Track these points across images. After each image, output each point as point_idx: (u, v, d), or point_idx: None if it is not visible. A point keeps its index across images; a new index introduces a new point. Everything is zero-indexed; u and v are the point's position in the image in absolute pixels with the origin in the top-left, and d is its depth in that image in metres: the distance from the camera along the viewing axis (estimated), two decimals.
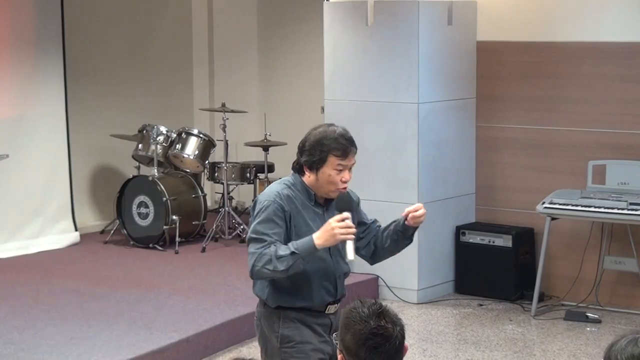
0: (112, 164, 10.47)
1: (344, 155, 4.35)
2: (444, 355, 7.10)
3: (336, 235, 4.26)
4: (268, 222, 4.32)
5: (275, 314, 4.45)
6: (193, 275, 8.41)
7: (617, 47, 8.04)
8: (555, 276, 8.29)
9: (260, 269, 4.27)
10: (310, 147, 4.37)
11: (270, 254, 4.24)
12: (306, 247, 4.25)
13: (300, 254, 4.25)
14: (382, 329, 3.10)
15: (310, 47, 10.24)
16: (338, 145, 4.35)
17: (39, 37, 9.36)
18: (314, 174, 4.38)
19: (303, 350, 4.42)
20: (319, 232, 4.27)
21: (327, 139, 4.35)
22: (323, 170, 4.35)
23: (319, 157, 4.34)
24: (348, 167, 4.39)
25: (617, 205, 7.63)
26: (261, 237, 4.30)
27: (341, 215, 4.30)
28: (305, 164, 4.39)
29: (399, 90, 8.20)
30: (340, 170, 4.36)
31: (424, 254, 8.29)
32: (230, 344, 7.16)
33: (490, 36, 8.55)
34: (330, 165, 4.35)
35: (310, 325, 4.44)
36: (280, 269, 4.24)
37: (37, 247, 9.30)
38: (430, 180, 8.30)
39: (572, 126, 8.26)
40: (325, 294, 4.44)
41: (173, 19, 11.06)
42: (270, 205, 4.34)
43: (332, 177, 4.35)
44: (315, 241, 4.25)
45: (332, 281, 4.46)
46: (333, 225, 4.25)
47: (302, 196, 4.41)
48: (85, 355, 6.47)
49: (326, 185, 4.37)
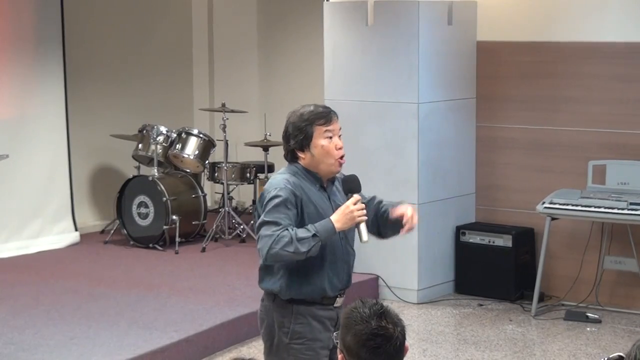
0: (112, 164, 10.47)
1: (327, 120, 4.40)
2: (444, 355, 7.10)
3: (355, 217, 4.32)
4: (281, 206, 4.31)
5: (287, 308, 4.43)
6: (193, 275, 8.41)
7: (617, 47, 8.04)
8: (555, 276, 8.29)
9: (279, 251, 4.25)
10: (294, 129, 4.42)
11: (290, 235, 4.24)
12: (326, 229, 4.29)
13: (320, 237, 4.27)
14: (383, 330, 3.09)
15: (310, 47, 10.24)
16: (318, 115, 4.41)
17: (39, 37, 9.36)
18: (308, 153, 4.40)
19: (312, 348, 4.43)
20: (337, 215, 4.31)
21: (304, 114, 4.42)
22: (314, 144, 4.39)
23: (305, 133, 4.38)
24: (336, 133, 4.43)
25: (617, 205, 7.63)
26: (276, 219, 4.29)
27: (355, 198, 4.36)
28: (296, 147, 4.42)
29: (399, 90, 8.20)
30: (330, 138, 4.39)
31: (424, 254, 8.29)
32: (230, 344, 7.16)
33: (490, 36, 8.55)
34: (318, 135, 4.38)
35: (320, 319, 4.45)
36: (302, 251, 4.24)
37: (37, 247, 9.30)
38: (430, 180, 8.30)
39: (572, 126, 8.26)
40: (336, 281, 4.46)
41: (173, 19, 11.06)
42: (281, 191, 4.34)
43: (325, 146, 4.38)
44: (335, 224, 4.30)
45: (341, 267, 4.47)
46: (352, 208, 4.32)
47: (307, 181, 4.42)
48: (85, 355, 6.47)
49: (324, 157, 4.39)
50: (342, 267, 4.48)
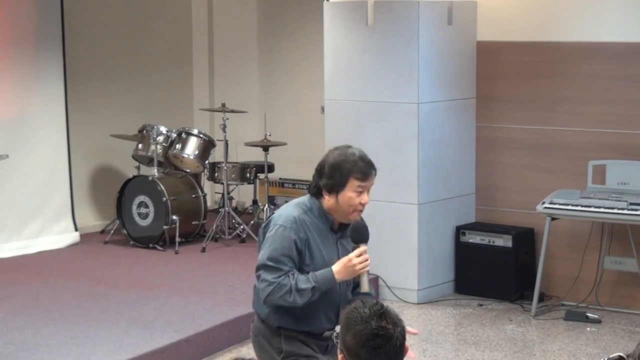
0: (112, 164, 10.47)
1: (364, 177, 4.35)
2: (444, 355, 7.10)
3: (356, 270, 4.32)
4: (283, 248, 4.30)
5: (276, 332, 4.46)
6: (193, 275, 8.41)
7: (617, 47, 8.03)
8: (555, 276, 8.29)
9: (277, 299, 4.29)
10: (330, 170, 4.35)
11: (290, 285, 4.26)
12: (326, 280, 4.30)
13: (319, 289, 4.29)
14: (383, 330, 3.09)
15: (310, 47, 10.24)
16: (359, 167, 4.34)
17: (39, 36, 9.36)
18: (334, 197, 4.35)
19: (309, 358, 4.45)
20: (338, 267, 4.31)
21: (347, 161, 4.34)
22: (344, 193, 4.34)
23: (340, 180, 4.33)
24: (367, 189, 4.39)
25: (617, 205, 7.63)
26: (278, 265, 4.29)
27: (360, 250, 4.34)
28: (325, 187, 4.36)
29: (399, 90, 8.19)
30: (360, 193, 4.35)
31: (424, 254, 8.29)
32: (230, 344, 7.16)
33: (490, 36, 8.55)
34: (350, 187, 4.33)
35: (310, 345, 4.45)
36: (299, 302, 4.28)
37: (37, 247, 9.30)
38: (430, 180, 8.30)
39: (572, 126, 8.26)
40: (326, 322, 4.46)
41: (173, 19, 11.06)
42: (287, 231, 4.32)
43: (353, 199, 4.34)
44: (336, 276, 4.30)
45: (335, 310, 4.46)
46: (354, 262, 4.31)
47: (318, 221, 4.40)
48: (85, 355, 6.47)
49: (345, 207, 4.35)
50: (336, 310, 4.45)
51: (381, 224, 8.09)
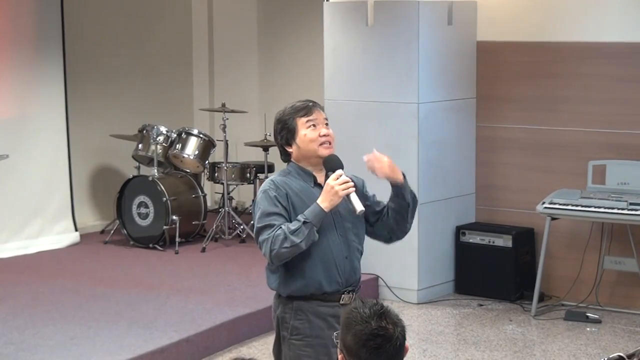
0: (112, 164, 10.47)
1: (307, 112, 4.43)
2: (444, 355, 7.10)
3: (338, 192, 4.32)
4: (268, 207, 4.36)
5: (288, 304, 4.45)
6: (193, 275, 8.41)
7: (617, 47, 8.04)
8: (555, 276, 8.29)
9: (279, 250, 4.29)
10: (278, 126, 4.47)
11: (283, 232, 4.28)
12: (315, 213, 4.30)
13: (311, 222, 4.29)
14: (383, 330, 3.09)
15: (310, 47, 10.24)
16: (297, 107, 4.46)
17: (39, 37, 9.36)
18: (295, 145, 4.43)
19: (310, 344, 4.43)
20: (322, 197, 4.32)
21: (286, 110, 4.47)
22: (298, 136, 4.42)
23: (288, 127, 4.43)
24: (320, 122, 4.44)
25: (617, 205, 7.63)
26: (268, 222, 4.33)
27: (336, 174, 4.36)
28: (284, 144, 4.45)
29: (399, 90, 8.20)
30: (313, 127, 4.42)
31: (424, 254, 8.29)
32: (230, 344, 7.16)
33: (490, 36, 8.55)
34: (300, 127, 4.41)
35: (323, 317, 4.43)
36: (297, 242, 4.27)
37: (37, 247, 9.30)
38: (430, 180, 8.30)
39: (572, 126, 8.26)
40: (337, 276, 4.42)
41: (173, 19, 11.06)
42: (266, 192, 4.39)
43: (308, 134, 4.41)
44: (321, 205, 4.31)
45: (340, 259, 4.44)
46: (332, 184, 4.32)
47: (300, 180, 4.45)
48: (85, 355, 6.47)
49: (309, 145, 4.41)
50: (341, 260, 4.44)
51: None
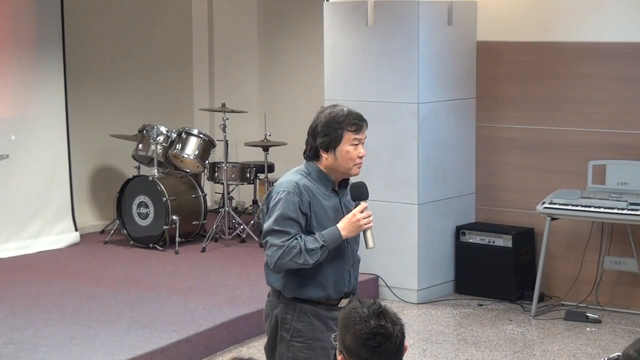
0: (112, 164, 10.47)
1: (358, 129, 4.44)
2: (444, 355, 7.10)
3: (361, 226, 4.40)
4: (289, 212, 4.35)
5: (291, 306, 4.46)
6: (193, 275, 8.41)
7: (617, 47, 8.04)
8: (555, 276, 8.29)
9: (287, 262, 4.33)
10: (324, 128, 4.43)
11: (299, 247, 4.31)
12: (333, 238, 4.36)
13: (327, 246, 4.35)
14: (382, 329, 3.10)
15: (310, 47, 10.24)
16: (351, 120, 4.44)
17: (39, 37, 9.37)
18: (332, 154, 4.43)
19: (311, 347, 4.45)
20: (344, 224, 4.38)
21: (339, 116, 4.44)
22: (340, 148, 4.42)
23: (335, 136, 4.41)
24: (361, 141, 4.47)
25: (617, 205, 7.63)
26: (285, 229, 4.34)
27: (362, 205, 4.42)
28: (322, 146, 4.43)
29: (399, 90, 8.20)
30: (355, 145, 4.44)
31: (424, 254, 8.29)
32: (230, 344, 7.16)
33: (490, 36, 8.55)
34: (346, 141, 4.42)
35: (323, 320, 4.46)
36: (311, 262, 4.33)
37: (37, 247, 9.30)
38: (430, 180, 8.30)
39: (572, 126, 8.26)
40: (342, 284, 4.48)
41: (173, 19, 11.06)
42: (290, 194, 4.37)
43: (350, 152, 4.42)
44: (342, 232, 4.37)
45: (347, 270, 4.50)
46: (358, 217, 4.39)
47: (319, 184, 4.46)
48: (85, 355, 6.47)
49: (345, 162, 4.43)
50: (347, 270, 4.50)
51: (381, 224, 8.08)
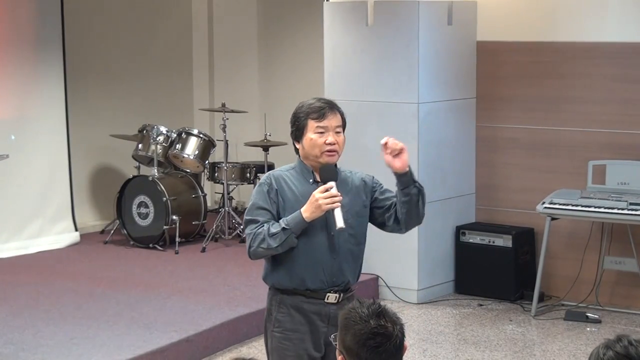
0: (112, 164, 10.47)
1: (320, 116, 4.46)
2: (444, 355, 7.10)
3: (321, 205, 4.34)
4: (258, 201, 4.45)
5: (275, 296, 4.51)
6: (193, 275, 8.41)
7: (617, 47, 8.04)
8: (555, 276, 8.29)
9: (256, 249, 4.39)
10: (292, 120, 4.55)
11: (264, 232, 4.36)
12: (296, 221, 4.35)
13: (291, 229, 4.34)
14: (382, 329, 3.10)
15: (310, 47, 10.24)
16: (313, 108, 4.48)
17: (39, 37, 9.37)
18: (301, 144, 4.49)
19: (289, 338, 4.46)
20: (306, 205, 4.36)
21: (304, 106, 4.53)
22: (306, 137, 4.47)
23: (299, 125, 4.49)
24: (330, 129, 4.48)
25: (617, 205, 7.63)
26: (254, 217, 4.43)
27: (325, 186, 4.38)
28: (292, 137, 4.54)
29: (399, 90, 8.20)
30: (321, 133, 4.45)
31: (424, 254, 8.29)
32: (230, 344, 7.16)
33: (490, 36, 8.55)
34: (310, 129, 4.46)
35: (306, 313, 4.45)
36: (273, 246, 4.35)
37: (37, 247, 9.30)
38: (430, 180, 8.29)
39: (572, 126, 8.26)
40: (319, 273, 4.43)
41: (173, 19, 11.06)
42: (261, 185, 4.50)
43: (314, 140, 4.44)
44: (303, 214, 4.35)
45: (325, 260, 4.43)
46: (317, 197, 4.34)
47: (300, 176, 4.50)
48: (85, 355, 6.47)
49: (312, 150, 4.45)
50: (327, 261, 4.43)
51: None
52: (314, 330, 4.45)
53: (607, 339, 2.95)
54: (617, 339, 2.92)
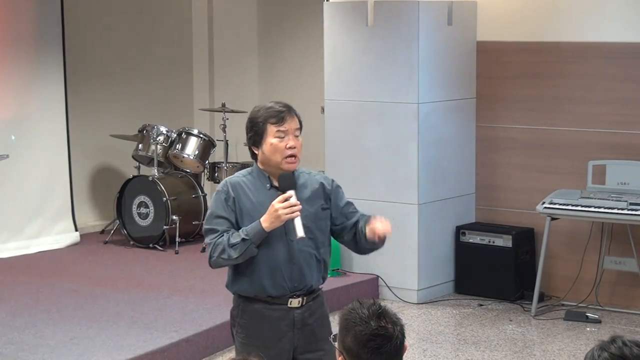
0: (112, 164, 10.47)
1: (279, 120, 4.37)
2: (444, 355, 7.10)
3: (280, 216, 4.29)
4: (216, 210, 4.40)
5: (237, 303, 4.53)
6: (193, 275, 8.41)
7: (617, 47, 8.04)
8: (555, 276, 8.29)
9: (217, 259, 4.38)
10: (249, 125, 4.43)
11: (223, 243, 4.33)
12: (255, 231, 4.31)
13: (250, 239, 4.31)
14: (383, 330, 3.10)
15: (310, 47, 10.24)
16: (271, 112, 4.39)
17: (39, 37, 9.36)
18: (260, 150, 4.40)
19: (251, 344, 4.43)
20: (265, 216, 4.31)
21: (260, 111, 4.42)
22: (265, 142, 4.38)
23: (257, 130, 4.39)
24: (290, 132, 4.38)
25: (617, 205, 7.63)
26: (213, 227, 4.40)
27: (283, 196, 4.32)
28: (250, 143, 4.43)
29: (399, 90, 8.19)
30: (281, 138, 4.37)
31: (424, 254, 8.29)
32: (230, 344, 7.11)
33: (490, 36, 8.55)
34: (270, 134, 4.37)
35: (268, 319, 4.43)
36: (234, 257, 4.33)
37: (37, 247, 9.29)
38: (430, 180, 8.30)
39: (572, 126, 8.26)
40: (282, 280, 4.40)
41: (173, 19, 11.05)
42: (218, 193, 4.44)
43: (275, 144, 4.36)
44: (263, 224, 4.30)
45: (285, 266, 4.40)
46: (276, 207, 4.29)
47: (256, 181, 4.44)
48: (85, 355, 6.47)
49: (273, 156, 4.37)
50: (290, 266, 4.39)
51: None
52: (278, 336, 4.42)
53: (601, 341, 2.95)
54: (611, 340, 2.93)
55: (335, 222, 4.53)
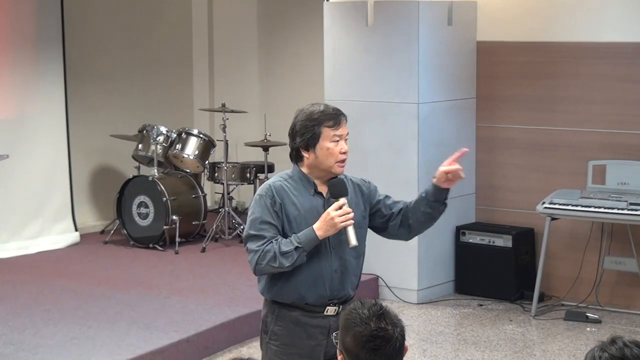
0: (112, 164, 10.47)
1: (336, 124, 4.35)
2: (444, 355, 7.10)
3: (336, 224, 4.23)
4: (261, 215, 4.29)
5: (272, 308, 4.42)
6: (193, 275, 8.42)
7: (617, 47, 8.04)
8: (555, 276, 8.29)
9: (265, 267, 4.25)
10: (302, 127, 4.35)
11: (274, 250, 4.22)
12: (309, 239, 4.23)
13: (303, 247, 4.23)
14: (382, 331, 3.09)
15: (310, 47, 10.24)
16: (328, 116, 4.34)
17: (39, 37, 9.36)
18: (313, 153, 4.33)
19: (286, 352, 4.39)
20: (319, 223, 4.24)
21: (315, 113, 4.35)
22: (320, 145, 4.32)
23: (313, 133, 4.32)
24: (343, 137, 4.37)
25: (617, 205, 7.63)
26: (259, 233, 4.27)
27: (338, 203, 4.26)
28: (301, 146, 4.35)
29: (399, 90, 8.20)
30: (336, 142, 4.34)
31: (424, 254, 8.29)
32: (230, 344, 7.16)
33: (490, 36, 8.55)
34: (325, 137, 4.32)
35: (304, 327, 4.37)
36: (286, 265, 4.23)
37: (37, 247, 9.30)
38: (430, 180, 8.27)
39: (572, 126, 8.26)
40: (322, 290, 4.34)
41: (173, 19, 11.06)
42: (262, 197, 4.31)
43: (331, 149, 4.32)
44: (317, 232, 4.23)
45: (327, 274, 4.34)
46: (332, 215, 4.23)
47: (299, 186, 4.36)
48: (85, 355, 6.47)
49: (326, 160, 4.32)
50: (328, 275, 4.34)
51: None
52: (313, 344, 4.37)
53: (601, 341, 2.95)
54: (611, 340, 2.92)
55: (381, 216, 4.48)
